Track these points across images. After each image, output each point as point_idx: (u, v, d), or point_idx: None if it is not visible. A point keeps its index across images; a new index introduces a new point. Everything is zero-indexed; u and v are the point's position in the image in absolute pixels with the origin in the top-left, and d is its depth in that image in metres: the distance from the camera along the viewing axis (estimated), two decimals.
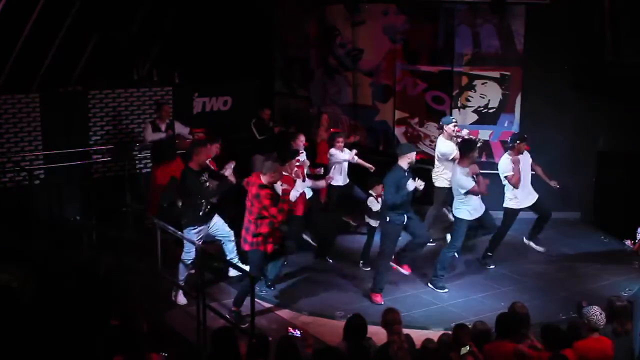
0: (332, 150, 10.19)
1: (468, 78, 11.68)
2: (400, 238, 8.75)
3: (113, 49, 12.10)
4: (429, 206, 10.29)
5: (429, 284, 9.02)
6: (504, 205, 9.51)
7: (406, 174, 8.46)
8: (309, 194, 9.63)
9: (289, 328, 6.18)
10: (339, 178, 10.18)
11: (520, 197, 9.42)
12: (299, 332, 5.91)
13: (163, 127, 11.03)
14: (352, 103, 12.99)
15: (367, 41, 12.62)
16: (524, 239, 9.96)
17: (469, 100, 11.72)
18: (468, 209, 8.85)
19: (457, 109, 11.72)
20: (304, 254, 9.82)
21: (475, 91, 11.68)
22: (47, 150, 11.66)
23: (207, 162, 8.81)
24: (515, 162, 9.24)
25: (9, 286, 6.91)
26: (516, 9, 11.27)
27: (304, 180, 9.14)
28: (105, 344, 5.76)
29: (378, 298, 8.59)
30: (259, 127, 11.69)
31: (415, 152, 8.65)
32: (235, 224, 8.77)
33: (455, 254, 9.25)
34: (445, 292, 8.91)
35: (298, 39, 13.66)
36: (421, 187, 8.51)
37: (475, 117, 11.71)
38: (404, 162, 8.47)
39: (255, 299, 7.21)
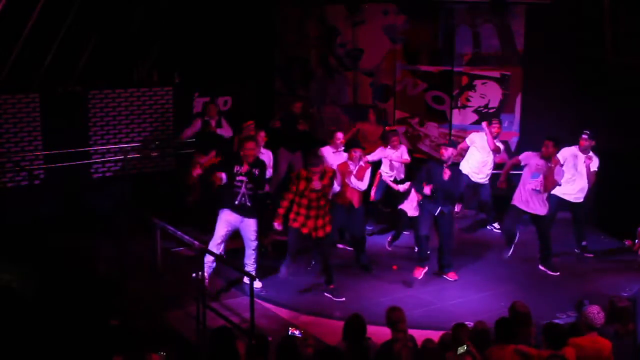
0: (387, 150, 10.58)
1: (468, 78, 11.69)
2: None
3: (113, 49, 12.09)
4: None
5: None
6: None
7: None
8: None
9: (290, 328, 6.17)
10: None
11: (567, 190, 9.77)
12: (299, 332, 5.90)
13: (213, 123, 11.05)
14: (352, 103, 12.99)
15: (367, 41, 12.62)
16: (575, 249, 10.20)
17: (469, 100, 11.72)
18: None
19: (457, 109, 11.73)
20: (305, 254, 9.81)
21: (475, 91, 11.69)
22: (47, 150, 11.66)
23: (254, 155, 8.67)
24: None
25: (9, 286, 6.91)
26: (516, 9, 11.28)
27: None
28: (104, 344, 5.76)
29: (418, 272, 9.03)
30: (286, 120, 11.79)
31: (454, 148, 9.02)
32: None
33: None
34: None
35: (298, 39, 13.67)
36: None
37: (475, 117, 11.72)
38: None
39: (255, 299, 7.22)
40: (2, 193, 11.28)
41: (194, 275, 8.39)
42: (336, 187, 8.81)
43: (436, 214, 8.94)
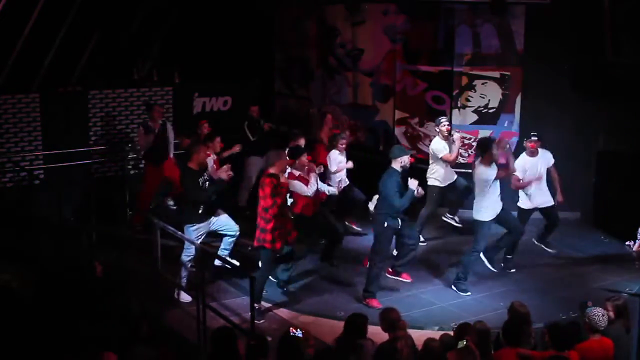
0: (333, 154, 10.26)
1: (468, 78, 11.68)
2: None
3: (113, 49, 12.10)
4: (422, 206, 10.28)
5: (452, 287, 8.95)
6: (518, 204, 9.64)
7: (399, 175, 8.46)
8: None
9: (291, 328, 6.17)
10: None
11: (532, 196, 9.56)
12: (300, 332, 5.89)
13: (156, 128, 11.00)
14: (352, 103, 12.99)
15: (367, 41, 12.61)
16: (534, 239, 10.03)
17: (469, 100, 11.72)
18: (487, 210, 8.76)
19: (457, 109, 11.73)
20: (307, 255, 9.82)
21: (475, 91, 11.68)
22: (47, 150, 11.66)
23: (211, 160, 8.75)
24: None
25: (9, 286, 6.91)
26: (516, 9, 11.27)
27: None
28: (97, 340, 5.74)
29: (374, 302, 8.45)
30: (251, 127, 11.62)
31: (408, 155, 8.54)
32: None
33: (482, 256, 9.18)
34: (469, 295, 8.81)
35: (298, 39, 13.66)
36: (420, 192, 8.52)
37: (475, 117, 11.72)
38: (397, 165, 8.44)
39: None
40: (2, 193, 11.28)
41: (191, 270, 8.43)
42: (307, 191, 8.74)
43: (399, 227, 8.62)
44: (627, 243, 10.39)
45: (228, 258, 8.55)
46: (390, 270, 9.11)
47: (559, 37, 11.12)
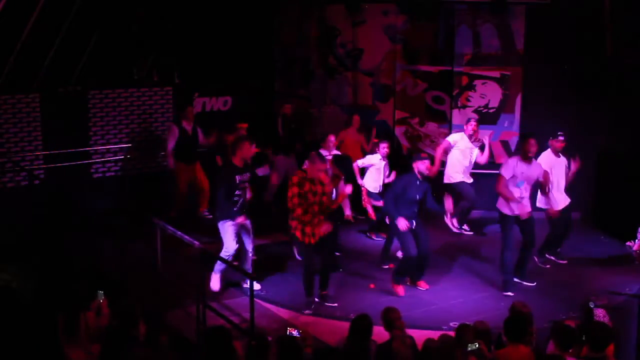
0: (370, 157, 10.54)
1: (468, 78, 11.69)
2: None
3: (113, 49, 12.09)
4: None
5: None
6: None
7: (418, 182, 8.60)
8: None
9: (289, 328, 6.18)
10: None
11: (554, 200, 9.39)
12: (298, 332, 5.90)
13: (190, 129, 11.13)
14: (352, 103, 12.99)
15: (367, 41, 12.61)
16: (546, 255, 9.82)
17: (469, 100, 11.72)
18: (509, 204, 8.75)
19: (457, 109, 11.73)
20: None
21: (475, 91, 11.69)
22: (47, 150, 11.65)
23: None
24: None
25: (9, 286, 6.91)
26: (516, 9, 11.28)
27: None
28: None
29: (399, 290, 8.73)
30: (284, 124, 11.76)
31: (422, 161, 8.60)
32: None
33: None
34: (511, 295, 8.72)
35: (298, 39, 13.66)
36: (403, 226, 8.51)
37: (475, 117, 11.70)
38: (416, 169, 8.62)
39: (255, 299, 7.21)
40: (2, 193, 11.27)
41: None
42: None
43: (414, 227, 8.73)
44: (627, 243, 10.38)
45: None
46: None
47: (559, 37, 11.13)
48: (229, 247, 8.49)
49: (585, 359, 5.66)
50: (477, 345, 5.72)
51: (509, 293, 8.74)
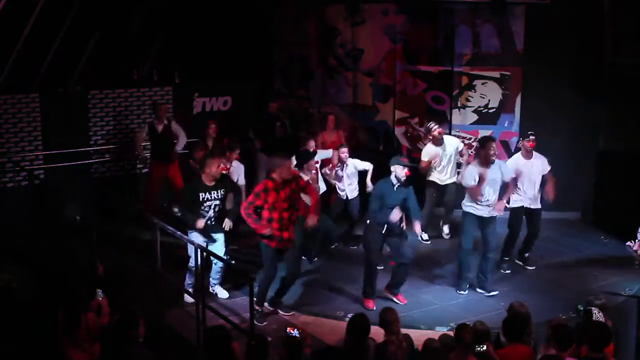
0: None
1: (468, 78, 11.68)
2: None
3: (113, 49, 12.09)
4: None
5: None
6: (509, 205, 9.42)
7: (395, 188, 8.27)
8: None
9: (288, 328, 6.18)
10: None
11: (524, 197, 9.38)
12: (297, 332, 5.90)
13: (160, 127, 11.06)
14: (352, 103, 12.99)
15: (367, 41, 12.61)
16: (515, 259, 9.74)
17: (469, 100, 11.72)
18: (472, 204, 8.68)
19: (457, 109, 11.73)
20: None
21: (475, 91, 11.69)
22: (47, 150, 11.65)
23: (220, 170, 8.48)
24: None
25: (9, 286, 6.90)
26: (516, 9, 11.27)
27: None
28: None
29: (369, 304, 8.42)
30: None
31: (401, 167, 8.20)
32: None
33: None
34: (495, 293, 8.79)
35: (298, 39, 13.66)
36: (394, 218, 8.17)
37: (475, 117, 11.72)
38: (392, 174, 8.31)
39: (255, 299, 7.22)
40: (2, 193, 11.27)
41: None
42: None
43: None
44: (627, 243, 10.39)
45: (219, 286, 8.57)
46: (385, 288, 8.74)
47: (559, 37, 11.12)
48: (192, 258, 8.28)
49: (584, 359, 5.65)
50: (485, 347, 5.72)
51: (494, 292, 8.82)
